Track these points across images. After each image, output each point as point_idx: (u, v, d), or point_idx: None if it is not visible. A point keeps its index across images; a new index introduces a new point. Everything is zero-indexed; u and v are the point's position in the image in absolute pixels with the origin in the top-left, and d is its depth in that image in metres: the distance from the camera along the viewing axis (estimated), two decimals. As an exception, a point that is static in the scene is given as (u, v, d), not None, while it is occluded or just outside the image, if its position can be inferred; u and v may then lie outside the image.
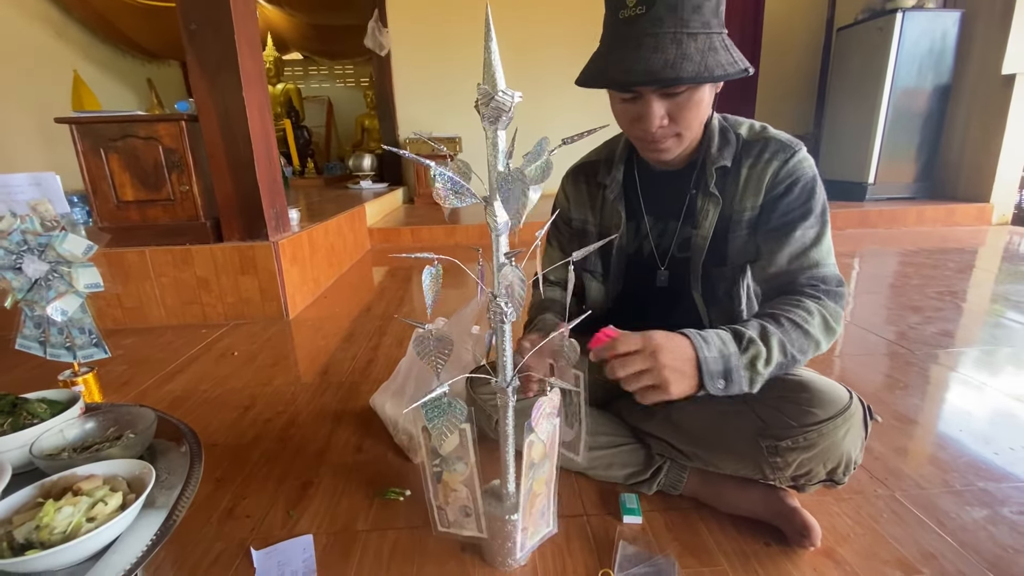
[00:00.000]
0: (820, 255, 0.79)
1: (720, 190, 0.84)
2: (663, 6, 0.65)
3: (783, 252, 0.80)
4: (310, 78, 7.38)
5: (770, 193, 0.81)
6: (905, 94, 3.76)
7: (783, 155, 0.80)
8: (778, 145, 0.81)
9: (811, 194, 0.79)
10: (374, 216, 3.75)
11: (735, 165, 0.83)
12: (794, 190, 0.79)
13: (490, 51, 0.57)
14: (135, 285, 1.88)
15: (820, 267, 0.79)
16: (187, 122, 1.79)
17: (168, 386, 1.45)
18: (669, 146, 0.78)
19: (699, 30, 0.67)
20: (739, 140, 0.83)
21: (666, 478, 0.92)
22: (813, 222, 0.79)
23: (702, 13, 0.67)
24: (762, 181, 0.81)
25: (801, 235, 0.79)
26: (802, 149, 0.81)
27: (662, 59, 0.65)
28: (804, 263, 0.79)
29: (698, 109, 0.74)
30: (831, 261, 0.80)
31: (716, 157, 0.82)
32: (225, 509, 0.93)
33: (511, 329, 0.70)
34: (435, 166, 0.60)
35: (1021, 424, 1.15)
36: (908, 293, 2.14)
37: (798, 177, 0.79)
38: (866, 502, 0.91)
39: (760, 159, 0.81)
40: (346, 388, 1.40)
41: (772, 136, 0.82)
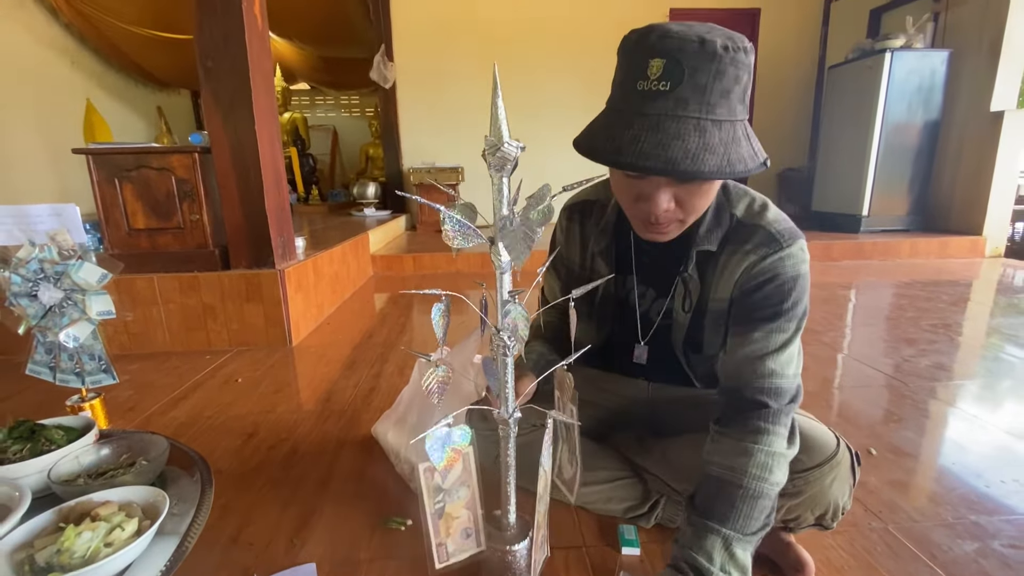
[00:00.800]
0: (778, 364, 0.71)
1: (701, 275, 0.79)
2: (689, 87, 0.58)
3: (737, 354, 0.74)
4: (316, 107, 7.57)
5: (740, 287, 0.75)
6: (896, 129, 3.87)
7: (765, 250, 0.73)
8: (764, 237, 0.73)
9: (785, 295, 0.72)
10: (377, 243, 3.80)
11: (720, 250, 0.77)
12: (766, 288, 0.72)
13: (497, 106, 0.62)
14: (142, 311, 1.92)
15: (775, 378, 0.71)
16: (200, 154, 1.86)
17: (173, 412, 1.47)
18: (671, 231, 0.72)
19: (725, 118, 0.60)
20: (732, 220, 0.77)
21: (663, 512, 0.93)
22: (780, 325, 0.72)
23: (729, 99, 0.60)
24: (735, 273, 0.75)
25: (762, 339, 0.72)
26: (792, 245, 0.73)
27: (683, 149, 0.58)
28: (758, 370, 0.72)
29: (707, 197, 0.69)
30: (791, 372, 0.72)
31: (702, 239, 0.77)
32: (230, 536, 0.94)
33: (513, 362, 0.73)
34: (444, 210, 0.64)
35: (1013, 458, 1.17)
36: (903, 325, 2.18)
37: (775, 275, 0.72)
38: (860, 535, 0.92)
39: (741, 248, 0.75)
40: (348, 416, 1.41)
41: (763, 224, 0.74)
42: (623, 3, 4.82)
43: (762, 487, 0.69)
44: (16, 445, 0.75)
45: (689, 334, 0.84)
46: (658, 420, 1.01)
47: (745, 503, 0.69)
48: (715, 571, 0.67)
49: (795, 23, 5.12)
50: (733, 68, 0.58)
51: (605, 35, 0.85)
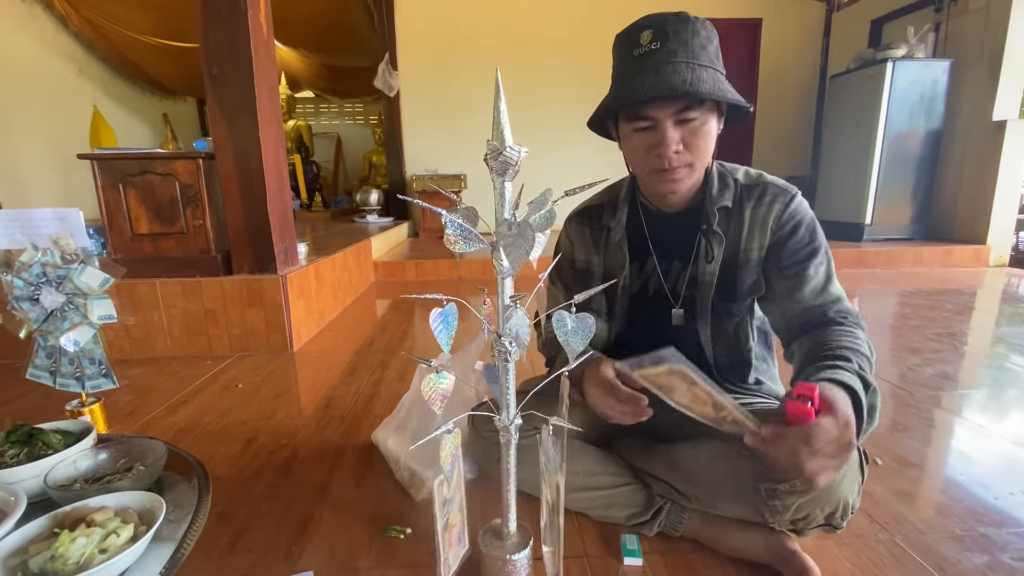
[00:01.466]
0: (838, 290, 0.86)
1: (724, 229, 0.89)
2: (676, 41, 0.75)
3: (804, 289, 0.85)
4: (320, 115, 7.62)
5: (776, 235, 0.87)
6: (898, 139, 3.87)
7: (783, 198, 0.86)
8: (777, 189, 0.87)
9: (814, 233, 0.86)
10: (379, 250, 3.81)
11: (737, 206, 0.88)
12: (799, 231, 0.85)
13: (499, 110, 0.62)
14: (144, 316, 1.92)
15: (841, 301, 0.85)
16: (204, 160, 1.86)
17: (173, 417, 1.46)
18: (682, 176, 0.82)
19: (707, 64, 0.76)
20: (737, 184, 0.89)
21: (667, 519, 0.92)
22: (822, 259, 0.85)
23: (707, 51, 0.77)
24: (767, 223, 0.86)
25: (814, 272, 0.85)
26: (798, 193, 0.88)
27: (680, 79, 0.74)
28: (828, 298, 0.85)
29: (708, 139, 0.80)
30: (843, 293, 0.86)
31: (717, 198, 0.88)
32: (227, 543, 0.93)
33: (515, 368, 0.72)
34: (446, 214, 0.64)
35: (1021, 469, 1.15)
36: (907, 334, 2.16)
37: (800, 219, 0.86)
38: (867, 546, 0.91)
39: (762, 202, 0.87)
40: (348, 422, 1.41)
41: (769, 181, 0.89)
42: (624, 12, 4.85)
43: (869, 353, 0.77)
44: (13, 449, 0.74)
45: (721, 284, 0.90)
46: (662, 425, 0.99)
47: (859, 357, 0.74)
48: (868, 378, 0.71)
49: (796, 33, 5.15)
50: (704, 31, 0.77)
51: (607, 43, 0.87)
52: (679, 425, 0.96)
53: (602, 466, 0.97)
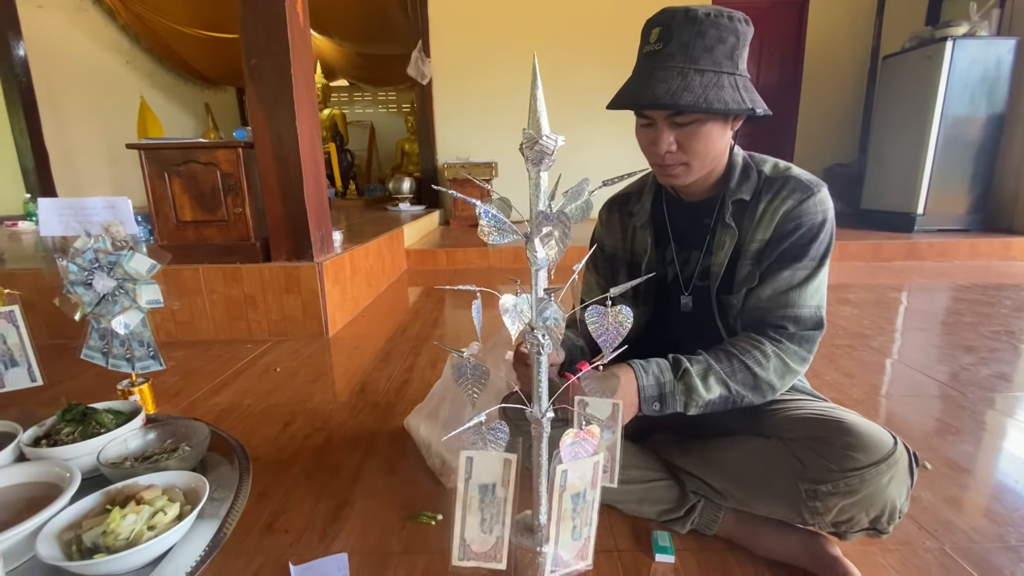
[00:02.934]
0: (801, 296, 0.83)
1: (737, 222, 0.87)
2: (676, 44, 0.74)
3: (767, 287, 0.84)
4: (355, 103, 7.70)
5: (778, 229, 0.84)
6: (956, 123, 3.64)
7: (799, 195, 0.83)
8: (797, 184, 0.84)
9: (813, 238, 0.83)
10: (411, 238, 3.84)
11: (754, 199, 0.87)
12: (799, 231, 0.83)
13: (536, 98, 0.60)
14: (188, 300, 1.99)
15: (796, 307, 0.83)
16: (244, 149, 1.91)
17: (215, 399, 1.52)
18: (678, 173, 0.83)
19: (708, 68, 0.74)
20: (761, 176, 0.87)
21: (700, 517, 0.90)
22: (806, 264, 0.83)
23: (713, 54, 0.74)
24: (775, 217, 0.84)
25: (790, 275, 0.83)
26: (821, 191, 0.84)
27: (665, 88, 0.74)
28: (781, 301, 0.83)
29: (705, 141, 0.80)
30: (813, 303, 0.83)
31: (734, 190, 0.87)
32: (265, 523, 0.96)
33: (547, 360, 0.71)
34: (480, 204, 0.63)
35: (1087, 478, 1.08)
36: (960, 331, 2.05)
37: (807, 219, 0.83)
38: (914, 554, 0.87)
39: (778, 196, 0.85)
40: (381, 408, 1.43)
41: (793, 175, 0.86)
42: (664, -6, 4.70)
43: (756, 369, 0.81)
44: (68, 427, 0.78)
45: (724, 277, 0.90)
46: (696, 422, 0.98)
47: (733, 360, 0.82)
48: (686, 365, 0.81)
49: (846, 12, 4.88)
50: (715, 30, 0.74)
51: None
52: (714, 422, 0.95)
53: (634, 460, 0.95)
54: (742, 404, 0.82)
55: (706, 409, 0.82)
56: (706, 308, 0.93)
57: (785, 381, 0.83)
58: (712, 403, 0.81)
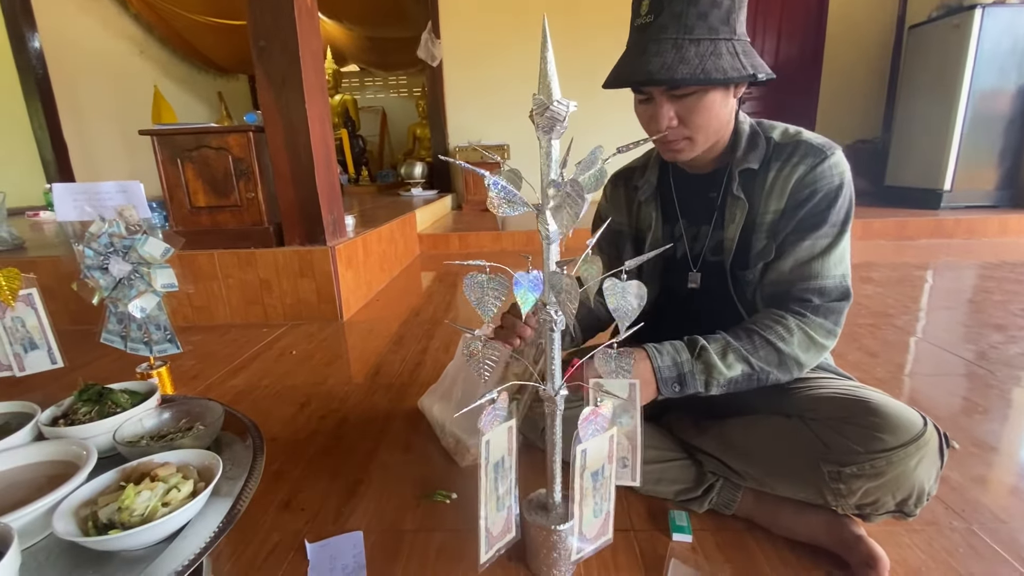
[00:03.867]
0: (824, 266, 0.79)
1: (747, 193, 0.84)
2: (668, 14, 0.71)
3: (788, 260, 0.81)
4: (366, 89, 7.67)
5: (793, 198, 0.81)
6: (985, 96, 3.50)
7: (812, 159, 0.79)
8: (808, 148, 0.80)
9: (831, 203, 0.79)
10: (424, 222, 3.84)
11: (764, 168, 0.83)
12: (815, 197, 0.79)
13: (546, 61, 0.58)
14: (204, 285, 2.01)
15: (820, 279, 0.79)
16: (254, 133, 1.90)
17: (232, 381, 1.54)
18: (682, 148, 0.80)
19: (703, 36, 0.71)
20: (770, 143, 0.84)
21: (718, 497, 0.88)
22: (827, 231, 0.79)
23: (708, 20, 0.71)
24: (787, 185, 0.81)
25: (810, 244, 0.79)
26: (835, 153, 0.80)
27: (660, 62, 0.71)
28: (804, 273, 0.80)
29: (707, 113, 0.76)
30: (837, 272, 0.79)
31: (741, 160, 0.83)
32: (282, 501, 0.97)
33: (560, 337, 0.70)
34: (489, 176, 0.61)
35: (1125, 458, 1.04)
36: (989, 310, 1.98)
37: (823, 184, 0.79)
38: (940, 534, 0.84)
39: (789, 162, 0.81)
40: (396, 389, 1.43)
41: (804, 140, 0.82)
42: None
43: (779, 344, 0.77)
44: (85, 407, 0.79)
45: (738, 251, 0.86)
46: (715, 401, 0.96)
47: (754, 337, 0.78)
48: (703, 343, 0.78)
49: (871, -20, 4.68)
50: None
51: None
52: (732, 400, 0.92)
53: (650, 440, 0.94)
54: (768, 382, 0.79)
55: (729, 388, 0.79)
56: (721, 285, 0.90)
57: (811, 356, 0.79)
58: (735, 381, 0.78)
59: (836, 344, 0.82)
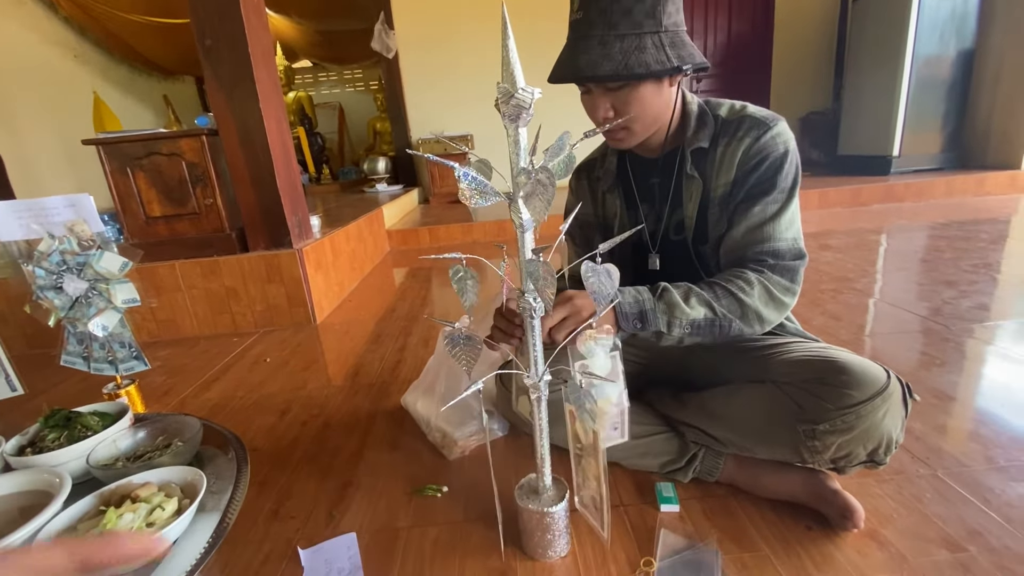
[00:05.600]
0: (776, 229, 0.81)
1: (700, 171, 0.87)
2: (595, 10, 0.73)
3: (740, 226, 0.83)
4: (320, 84, 7.46)
5: (741, 168, 0.83)
6: (928, 62, 3.64)
7: (756, 131, 0.82)
8: (752, 122, 0.83)
9: (778, 169, 0.81)
10: (392, 218, 3.78)
11: (713, 145, 0.86)
12: (763, 165, 0.82)
13: (508, 48, 0.58)
14: (167, 298, 1.94)
15: (773, 241, 0.81)
16: (208, 136, 1.84)
17: (206, 394, 1.49)
18: (621, 137, 0.84)
19: (628, 31, 0.73)
20: (718, 121, 0.87)
21: (702, 465, 0.91)
22: (776, 197, 0.81)
23: (632, 15, 0.72)
24: (735, 157, 0.84)
25: (761, 210, 0.82)
26: (778, 124, 0.83)
27: (586, 59, 0.73)
28: (757, 237, 0.82)
29: (640, 104, 0.79)
30: (789, 235, 0.82)
31: (692, 140, 0.86)
32: (270, 511, 0.96)
33: (540, 324, 0.70)
34: (459, 167, 0.60)
35: (1068, 396, 1.12)
36: (941, 267, 2.09)
37: (768, 152, 0.82)
38: (908, 482, 0.89)
39: (735, 137, 0.84)
40: (377, 389, 1.42)
41: (749, 114, 0.85)
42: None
43: (740, 295, 0.78)
44: (53, 433, 0.76)
45: (697, 228, 0.90)
46: (693, 373, 0.99)
47: (716, 287, 0.80)
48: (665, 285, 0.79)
49: (815, -46, 4.80)
50: None
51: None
52: (709, 372, 0.95)
53: (634, 416, 0.95)
54: (731, 333, 0.80)
55: (693, 333, 0.79)
56: (686, 263, 0.93)
57: (772, 311, 0.80)
58: (698, 324, 0.78)
59: (800, 309, 0.86)
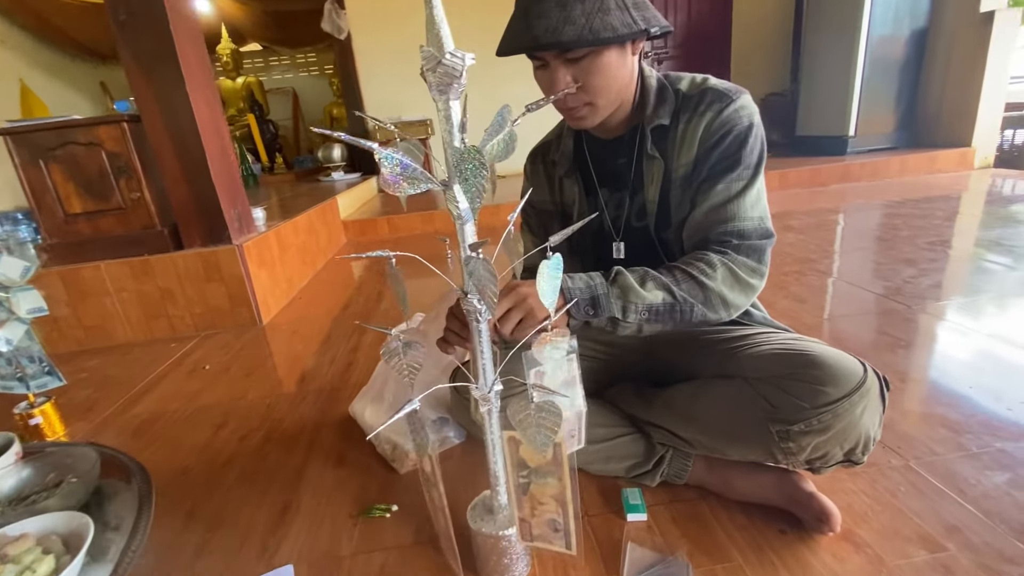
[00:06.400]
0: (741, 208, 0.75)
1: (661, 150, 0.80)
2: None
3: (703, 206, 0.77)
4: (272, 69, 7.09)
5: (703, 145, 0.78)
6: (882, 42, 3.68)
7: (718, 104, 0.76)
8: (715, 95, 0.77)
9: (742, 144, 0.76)
10: (348, 208, 3.62)
11: (674, 122, 0.80)
12: (726, 140, 0.76)
13: (432, 5, 0.48)
14: (94, 302, 1.77)
15: (738, 220, 0.75)
16: (129, 123, 1.66)
17: (135, 409, 1.36)
18: (584, 114, 0.76)
19: None
20: (678, 96, 0.80)
21: (669, 468, 0.86)
22: (740, 173, 0.76)
23: None
24: (696, 134, 0.78)
25: (725, 188, 0.76)
26: (742, 96, 0.77)
27: (544, 24, 0.65)
28: (721, 216, 0.76)
29: (605, 74, 0.71)
30: (755, 214, 0.76)
31: (652, 117, 0.80)
32: (196, 545, 0.85)
33: (487, 328, 0.62)
34: (379, 148, 0.51)
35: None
36: (900, 246, 2.10)
37: (732, 127, 0.76)
38: (881, 475, 0.86)
39: (696, 112, 0.78)
40: (325, 396, 1.32)
41: (710, 87, 0.79)
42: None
43: (702, 278, 0.72)
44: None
45: (659, 212, 0.83)
46: (657, 369, 0.94)
47: (675, 271, 0.73)
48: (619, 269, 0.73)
49: (772, -67, 4.78)
50: None
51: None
52: (674, 367, 0.89)
53: (596, 418, 0.89)
54: (694, 318, 0.73)
55: (651, 318, 0.72)
56: (649, 251, 0.86)
57: (737, 295, 0.74)
58: (656, 309, 0.71)
59: (765, 293, 0.80)
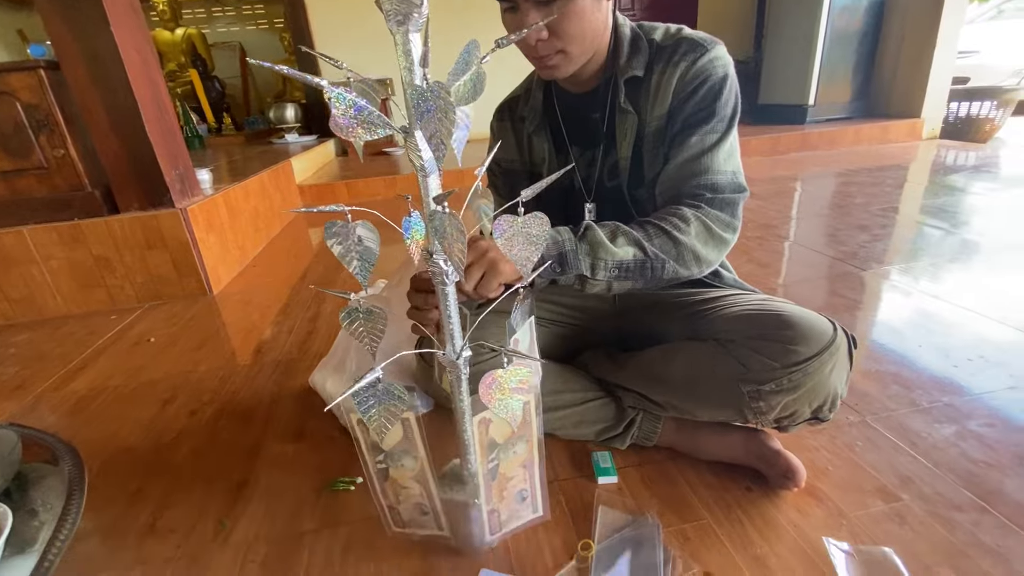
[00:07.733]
0: (714, 161, 0.73)
1: (634, 104, 0.78)
2: None
3: (677, 159, 0.75)
4: (215, 21, 6.56)
5: (677, 96, 0.75)
6: (843, 12, 3.71)
7: (693, 55, 0.74)
8: (689, 45, 0.75)
9: (717, 95, 0.73)
10: (304, 172, 3.44)
11: (648, 73, 0.77)
12: (700, 91, 0.74)
13: (387, -82, 0.42)
14: (19, 272, 1.61)
15: (711, 174, 0.73)
16: (47, 71, 1.48)
17: (71, 385, 1.26)
18: (556, 63, 0.73)
19: None
20: (652, 46, 0.78)
21: (639, 430, 0.85)
22: (715, 126, 0.74)
23: None
24: (670, 85, 0.75)
25: (699, 140, 0.74)
26: (716, 47, 0.75)
27: None
28: (694, 169, 0.74)
29: (579, 21, 0.69)
30: (729, 168, 0.74)
31: (625, 68, 0.77)
32: (144, 525, 0.80)
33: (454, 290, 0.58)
34: (329, 86, 0.45)
35: (976, 333, 1.16)
36: (855, 212, 2.16)
37: (706, 77, 0.74)
38: (840, 431, 0.88)
39: (670, 62, 0.75)
40: (283, 367, 1.25)
41: (685, 36, 0.76)
42: None
43: (675, 233, 0.70)
44: None
45: (632, 170, 0.81)
46: (627, 334, 0.93)
47: (647, 226, 0.71)
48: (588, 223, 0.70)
49: None
50: None
51: None
52: (645, 330, 0.88)
53: (566, 383, 0.88)
54: (667, 275, 0.71)
55: (621, 275, 0.69)
56: (622, 211, 0.83)
57: (711, 250, 0.72)
58: (626, 266, 0.69)
59: (729, 257, 0.79)
